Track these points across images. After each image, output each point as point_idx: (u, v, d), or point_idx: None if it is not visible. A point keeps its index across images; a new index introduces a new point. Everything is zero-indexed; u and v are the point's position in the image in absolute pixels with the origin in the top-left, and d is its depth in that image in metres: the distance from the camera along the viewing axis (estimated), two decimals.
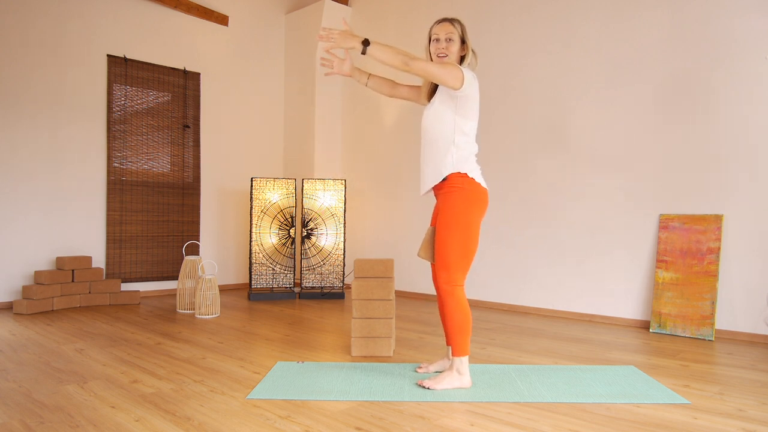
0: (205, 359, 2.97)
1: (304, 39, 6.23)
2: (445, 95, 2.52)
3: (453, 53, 2.56)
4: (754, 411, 2.24)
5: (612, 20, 4.21)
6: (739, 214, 3.65)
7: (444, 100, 2.52)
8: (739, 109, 3.65)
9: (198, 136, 5.72)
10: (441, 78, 2.40)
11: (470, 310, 2.49)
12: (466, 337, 2.46)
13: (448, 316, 2.47)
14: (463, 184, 2.48)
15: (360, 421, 2.07)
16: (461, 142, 2.50)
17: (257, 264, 5.34)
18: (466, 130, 2.51)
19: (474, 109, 2.53)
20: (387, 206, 5.80)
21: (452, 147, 2.49)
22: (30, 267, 4.67)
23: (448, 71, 2.40)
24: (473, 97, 2.50)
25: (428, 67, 2.40)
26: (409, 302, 5.11)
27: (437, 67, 2.41)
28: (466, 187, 2.47)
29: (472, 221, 2.47)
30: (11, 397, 2.32)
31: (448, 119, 2.50)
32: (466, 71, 2.46)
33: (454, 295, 2.45)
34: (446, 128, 2.51)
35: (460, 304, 2.45)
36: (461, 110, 2.49)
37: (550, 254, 4.52)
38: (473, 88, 2.48)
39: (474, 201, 2.48)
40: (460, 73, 2.41)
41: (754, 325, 3.57)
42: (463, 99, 2.47)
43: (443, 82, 2.42)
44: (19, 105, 4.63)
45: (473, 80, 2.48)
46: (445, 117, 2.51)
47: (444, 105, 2.52)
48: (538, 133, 4.62)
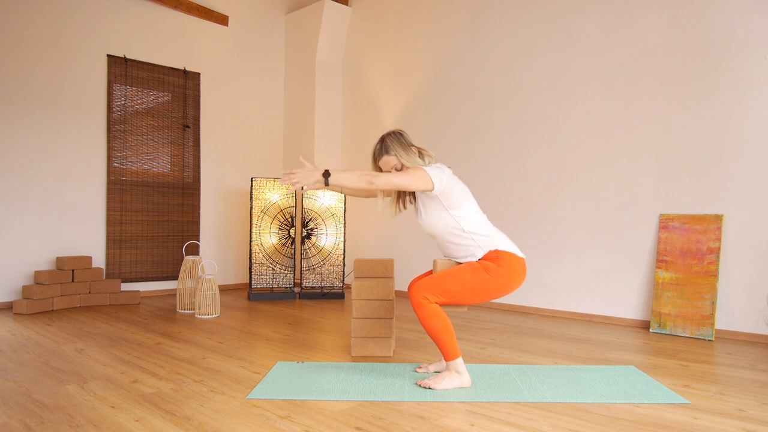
0: (205, 359, 2.97)
1: (304, 39, 6.23)
2: (427, 199, 2.50)
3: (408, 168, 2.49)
4: (754, 411, 2.24)
5: (612, 20, 4.21)
6: (739, 214, 3.65)
7: (427, 203, 2.50)
8: (740, 109, 3.65)
9: (198, 136, 5.72)
10: (408, 186, 2.38)
11: (445, 314, 2.46)
12: (451, 341, 2.44)
13: (425, 326, 2.43)
14: (500, 258, 2.45)
15: (360, 421, 2.07)
16: (471, 227, 2.48)
17: (257, 264, 5.34)
18: (467, 215, 2.49)
19: (460, 194, 2.48)
20: None
21: (466, 236, 2.48)
22: (30, 267, 4.67)
23: (413, 177, 2.38)
24: (451, 186, 2.45)
25: (393, 179, 2.38)
26: (409, 302, 5.11)
27: (402, 177, 2.39)
28: (504, 262, 2.45)
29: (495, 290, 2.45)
30: (11, 397, 2.32)
31: (444, 217, 2.48)
32: (430, 169, 2.42)
33: (424, 306, 2.41)
34: (449, 226, 2.48)
35: (432, 313, 2.41)
36: (450, 203, 2.46)
37: (550, 254, 4.52)
38: (446, 179, 2.43)
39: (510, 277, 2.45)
40: (425, 174, 2.39)
41: (754, 325, 3.57)
42: (443, 195, 2.44)
43: (412, 188, 2.40)
44: (19, 105, 4.63)
45: (442, 173, 2.43)
46: (440, 218, 2.49)
47: (433, 207, 2.50)
48: (537, 132, 4.62)
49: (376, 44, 5.94)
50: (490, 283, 2.45)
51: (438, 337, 2.43)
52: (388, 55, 5.83)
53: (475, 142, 5.02)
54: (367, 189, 2.41)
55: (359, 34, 6.13)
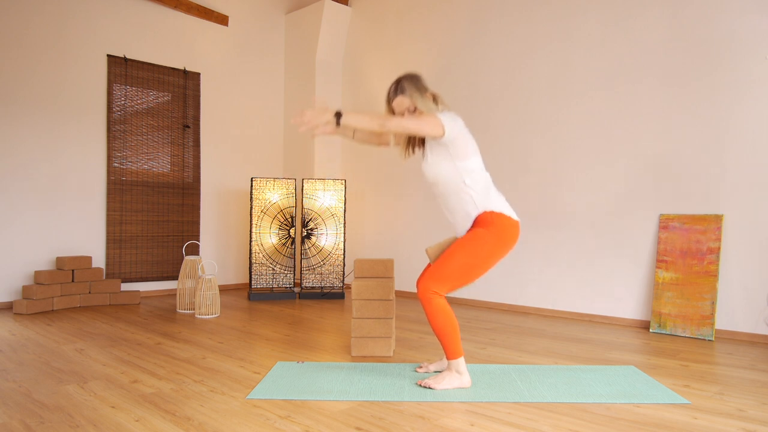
0: (205, 359, 2.97)
1: (304, 39, 6.23)
2: (435, 145, 2.49)
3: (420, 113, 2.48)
4: (754, 411, 2.24)
5: (612, 20, 4.21)
6: (739, 214, 3.65)
7: (436, 150, 2.49)
8: (740, 109, 3.65)
9: (198, 136, 5.72)
10: (420, 131, 2.37)
11: (453, 313, 2.46)
12: (455, 339, 2.45)
13: (431, 322, 2.45)
14: (493, 219, 2.46)
15: (360, 421, 2.07)
16: (473, 182, 2.47)
17: (257, 264, 5.34)
18: (471, 168, 2.48)
19: (468, 146, 2.47)
20: (387, 206, 5.80)
21: (467, 189, 2.47)
22: (30, 267, 4.67)
23: (425, 123, 2.37)
24: (462, 136, 2.44)
25: (404, 123, 2.37)
26: (409, 302, 5.11)
27: (414, 121, 2.38)
28: (497, 222, 2.45)
29: (491, 255, 2.46)
30: (11, 397, 2.32)
31: (449, 167, 2.47)
32: (444, 115, 2.41)
33: (432, 302, 2.42)
34: (452, 176, 2.47)
35: (440, 309, 2.42)
36: (457, 153, 2.45)
37: (550, 254, 4.52)
38: (457, 129, 2.42)
39: (502, 238, 2.46)
40: (437, 121, 2.37)
41: (754, 325, 3.57)
42: (452, 143, 2.43)
43: (424, 134, 2.39)
44: (19, 105, 4.63)
45: (454, 121, 2.42)
46: (445, 167, 2.48)
47: (438, 155, 2.48)
48: (537, 132, 4.62)
49: (376, 44, 5.94)
50: (485, 251, 2.45)
51: (443, 334, 2.44)
52: (388, 55, 5.83)
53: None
54: (377, 132, 2.38)
55: (359, 34, 6.13)
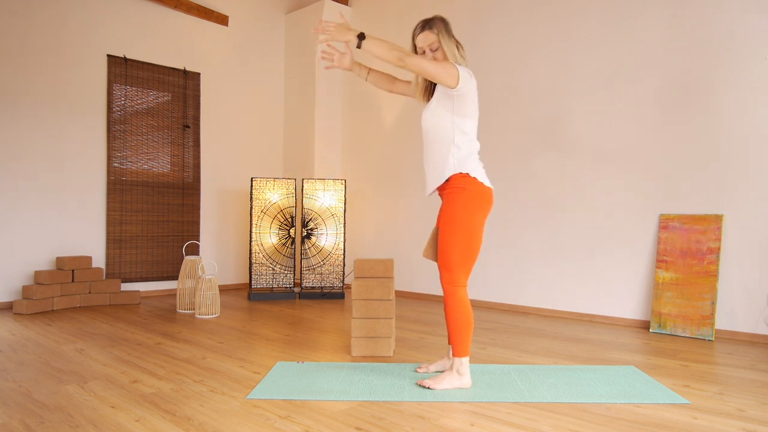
0: (205, 359, 2.97)
1: (304, 39, 6.23)
2: (442, 95, 2.50)
3: (441, 57, 2.52)
4: (754, 411, 2.24)
5: (612, 20, 4.21)
6: (739, 214, 3.65)
7: (441, 100, 2.51)
8: (739, 109, 3.65)
9: (198, 136, 5.72)
10: (436, 76, 2.38)
11: (472, 312, 2.48)
12: (467, 338, 2.46)
13: (449, 316, 2.47)
14: (465, 184, 2.46)
15: (360, 421, 2.07)
16: (461, 142, 2.49)
17: (257, 264, 5.34)
18: (465, 129, 2.50)
19: (472, 107, 2.51)
20: (387, 206, 5.80)
21: (453, 147, 2.48)
22: (30, 267, 4.67)
23: (443, 69, 2.38)
24: (471, 94, 2.48)
25: (423, 64, 2.37)
26: (409, 302, 5.11)
27: (433, 64, 2.38)
28: (468, 188, 2.46)
29: (474, 222, 2.46)
30: (11, 397, 2.32)
31: (447, 119, 2.49)
32: (462, 69, 2.43)
33: (455, 295, 2.45)
34: (445, 128, 2.49)
35: (461, 304, 2.45)
36: (459, 109, 2.48)
37: (550, 254, 4.52)
38: (470, 86, 2.46)
39: (477, 201, 2.47)
40: (455, 71, 2.39)
41: (754, 325, 3.57)
42: (460, 97, 2.45)
43: (439, 80, 2.40)
44: (19, 105, 4.63)
45: (470, 78, 2.46)
46: (443, 117, 2.50)
47: (441, 105, 2.50)
48: (538, 133, 4.62)
49: None
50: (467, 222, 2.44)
51: (456, 328, 2.45)
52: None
53: None
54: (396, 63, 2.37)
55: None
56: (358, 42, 2.37)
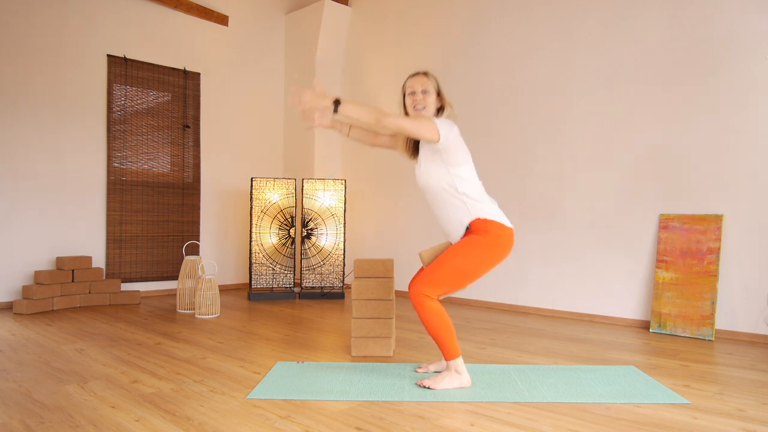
0: (205, 359, 2.97)
1: (304, 39, 6.23)
2: (429, 151, 2.49)
3: (430, 104, 2.53)
4: (754, 411, 2.24)
5: (612, 20, 4.21)
6: (739, 214, 3.65)
7: (430, 156, 2.50)
8: (739, 108, 3.65)
9: (198, 136, 5.72)
10: (416, 133, 2.37)
11: (446, 313, 2.47)
12: (451, 340, 2.44)
13: (427, 326, 2.44)
14: (487, 227, 2.46)
15: (360, 421, 2.07)
16: (466, 189, 2.48)
17: (257, 264, 5.34)
18: (463, 175, 2.48)
19: (462, 153, 2.49)
20: (387, 206, 5.80)
21: (460, 196, 2.47)
22: (30, 267, 4.67)
23: (421, 125, 2.37)
24: (456, 142, 2.45)
25: (401, 122, 2.37)
26: (409, 302, 5.11)
27: (410, 121, 2.38)
28: (491, 230, 2.45)
29: (485, 263, 2.46)
30: (11, 397, 2.32)
31: (443, 173, 2.47)
32: (440, 121, 2.42)
33: (425, 305, 2.42)
34: (445, 182, 2.48)
35: (433, 311, 2.42)
36: (450, 160, 2.46)
37: (550, 254, 4.52)
38: (453, 135, 2.43)
39: (496, 246, 2.46)
40: (434, 125, 2.38)
41: (754, 325, 3.57)
42: (447, 149, 2.43)
43: (419, 136, 2.39)
44: (19, 105, 4.63)
45: (450, 127, 2.43)
46: (438, 172, 2.48)
47: (432, 161, 2.49)
48: (538, 133, 4.62)
49: (376, 44, 5.94)
50: (479, 258, 2.45)
51: (438, 335, 2.43)
52: (388, 55, 5.83)
53: (475, 142, 4.98)
54: (373, 128, 2.37)
55: (359, 34, 6.13)
56: (334, 107, 2.35)
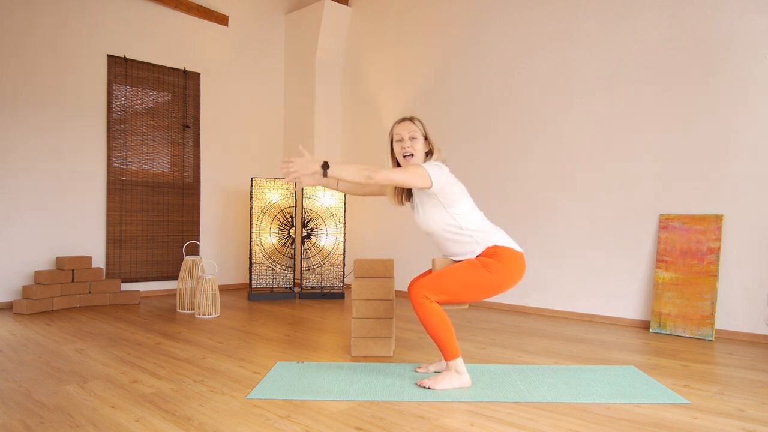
0: (205, 359, 2.97)
1: (304, 39, 6.23)
2: (424, 196, 2.50)
3: (418, 151, 2.54)
4: (754, 411, 2.24)
5: (612, 20, 4.21)
6: (739, 214, 3.65)
7: (426, 201, 2.50)
8: (740, 108, 3.65)
9: (198, 136, 5.72)
10: (407, 183, 2.38)
11: (445, 313, 2.47)
12: (451, 340, 2.45)
13: (426, 326, 2.45)
14: (499, 253, 2.46)
15: (360, 421, 2.07)
16: (469, 224, 2.49)
17: (257, 264, 5.34)
18: (463, 212, 2.49)
19: (456, 193, 2.49)
20: (387, 206, 5.79)
21: (464, 232, 2.48)
22: (30, 267, 4.67)
23: (411, 173, 2.38)
24: (449, 184, 2.46)
25: (391, 175, 2.38)
26: (409, 302, 5.11)
27: (400, 173, 2.39)
28: (503, 256, 2.46)
29: (495, 287, 2.47)
30: (11, 397, 2.32)
31: (443, 215, 2.48)
32: (428, 165, 2.42)
33: (424, 305, 2.42)
34: (447, 224, 2.49)
35: (433, 312, 2.42)
36: (447, 201, 2.47)
37: (550, 254, 4.52)
38: (444, 176, 2.44)
39: (511, 273, 2.47)
40: (423, 171, 2.39)
41: (754, 325, 3.57)
42: (441, 192, 2.44)
43: (411, 185, 2.40)
44: (19, 105, 4.63)
45: (440, 170, 2.44)
46: (437, 216, 2.49)
47: (430, 205, 2.50)
48: (538, 133, 4.62)
49: (376, 44, 5.94)
50: (490, 280, 2.45)
51: (438, 336, 2.43)
52: (388, 55, 5.83)
53: (475, 142, 5.01)
54: (364, 183, 2.40)
55: (359, 34, 6.13)
56: (323, 172, 2.35)
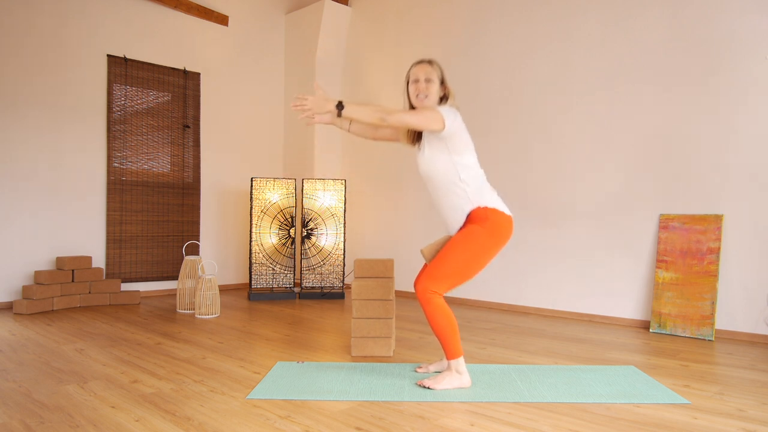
0: (205, 359, 2.97)
1: (304, 39, 6.23)
2: (433, 139, 2.50)
3: (433, 93, 2.53)
4: (754, 411, 2.24)
5: (612, 20, 4.21)
6: (739, 214, 3.65)
7: (433, 143, 2.50)
8: (740, 108, 3.65)
9: (198, 136, 5.72)
10: (420, 125, 2.39)
11: (452, 312, 2.48)
12: (455, 339, 2.45)
13: (432, 323, 2.45)
14: (487, 215, 2.47)
15: (360, 421, 2.07)
16: (468, 177, 2.49)
17: (257, 264, 5.34)
18: (466, 163, 2.49)
19: (465, 141, 2.50)
20: (387, 206, 5.80)
21: (462, 185, 2.48)
22: (30, 267, 4.67)
23: (425, 116, 2.38)
24: (460, 131, 2.46)
25: (405, 117, 2.38)
26: (409, 302, 5.11)
27: (414, 115, 2.39)
28: (491, 218, 2.46)
29: (488, 250, 2.47)
30: (11, 397, 2.32)
31: (446, 161, 2.48)
32: (444, 109, 2.42)
33: (432, 302, 2.43)
34: (448, 171, 2.49)
35: (439, 309, 2.43)
36: (454, 148, 2.47)
37: (550, 254, 4.52)
38: (457, 123, 2.44)
39: (497, 234, 2.47)
40: (438, 114, 2.39)
41: (754, 325, 3.57)
42: (451, 137, 2.44)
43: (424, 128, 2.40)
44: (19, 105, 4.63)
45: (454, 115, 2.44)
46: (441, 160, 2.49)
47: (436, 149, 2.49)
48: (538, 132, 4.62)
49: (376, 44, 5.94)
50: (480, 247, 2.46)
51: (442, 334, 2.44)
52: (388, 55, 5.82)
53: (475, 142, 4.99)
54: (378, 125, 2.39)
55: (359, 34, 6.13)
56: (338, 111, 2.36)
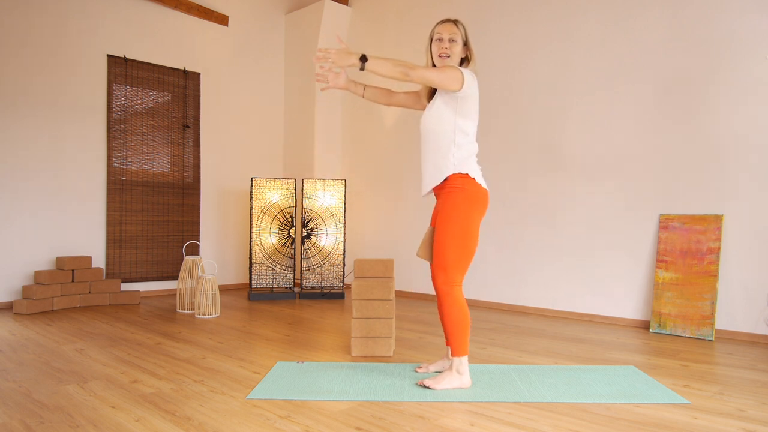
0: (205, 359, 2.97)
1: (304, 39, 6.23)
2: (447, 95, 2.53)
3: (455, 54, 2.56)
4: (754, 411, 2.24)
5: (612, 20, 4.21)
6: (739, 214, 3.65)
7: (446, 99, 2.53)
8: (739, 109, 3.65)
9: (198, 136, 5.72)
10: (441, 83, 2.42)
11: (468, 310, 2.49)
12: (465, 337, 2.46)
13: (446, 316, 2.47)
14: (464, 185, 2.48)
15: (360, 421, 2.07)
16: (462, 142, 2.50)
17: (257, 264, 5.34)
18: (466, 129, 2.52)
19: (474, 108, 2.54)
20: (387, 206, 5.80)
21: (453, 147, 2.49)
22: (30, 267, 4.67)
23: (446, 75, 2.42)
24: (473, 96, 2.51)
25: (427, 74, 2.41)
26: (409, 302, 5.11)
27: (436, 72, 2.43)
28: (467, 188, 2.47)
29: (471, 221, 2.47)
30: (11, 397, 2.32)
31: (449, 119, 2.51)
32: (465, 71, 2.47)
33: (452, 295, 2.45)
34: (447, 128, 2.51)
35: (457, 303, 2.45)
36: (462, 110, 2.50)
37: (550, 254, 4.52)
38: (473, 88, 2.50)
39: (474, 202, 2.48)
40: (459, 74, 2.43)
41: (754, 325, 3.57)
42: (464, 99, 2.49)
43: (444, 87, 2.44)
44: (19, 105, 4.63)
45: (473, 80, 2.49)
46: (445, 117, 2.51)
47: (445, 105, 2.52)
48: (538, 132, 4.62)
49: (376, 44, 5.94)
50: (464, 216, 2.45)
51: (454, 329, 2.45)
52: (388, 55, 5.81)
53: None
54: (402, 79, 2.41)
55: (359, 34, 6.13)
56: (361, 65, 2.38)
